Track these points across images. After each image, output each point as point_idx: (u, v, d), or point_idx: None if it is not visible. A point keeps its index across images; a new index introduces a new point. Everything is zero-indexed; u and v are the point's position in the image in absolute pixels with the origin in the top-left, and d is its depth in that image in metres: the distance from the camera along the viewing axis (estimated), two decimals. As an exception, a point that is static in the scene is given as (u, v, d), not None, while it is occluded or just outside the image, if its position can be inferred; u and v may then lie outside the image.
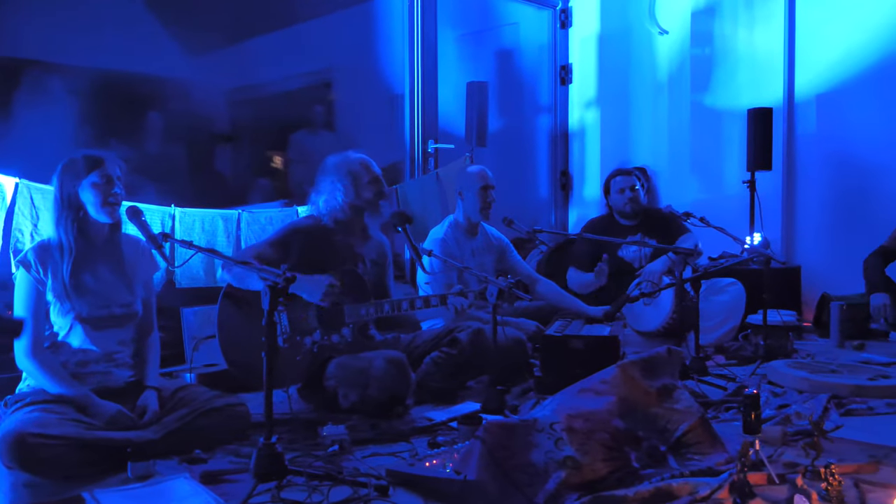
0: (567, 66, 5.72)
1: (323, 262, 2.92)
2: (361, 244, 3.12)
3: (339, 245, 3.03)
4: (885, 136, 4.69)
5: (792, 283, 4.84)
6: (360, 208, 3.04)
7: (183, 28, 4.21)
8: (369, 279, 3.04)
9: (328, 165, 3.08)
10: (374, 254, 3.16)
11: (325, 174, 3.07)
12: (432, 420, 2.70)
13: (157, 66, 4.24)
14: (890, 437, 2.54)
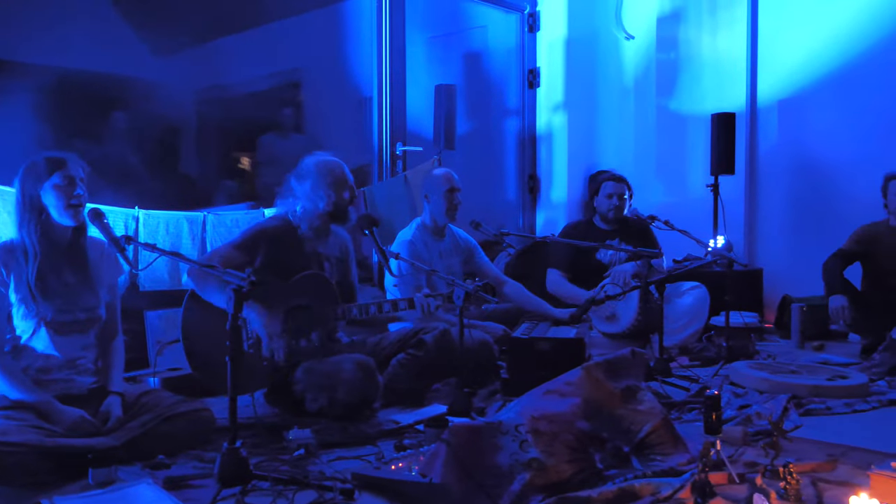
0: (535, 69, 5.76)
1: (290, 265, 2.90)
2: (325, 243, 3.10)
3: (307, 247, 3.01)
4: (843, 141, 4.80)
5: (754, 286, 4.93)
6: (335, 215, 3.03)
7: (150, 28, 4.17)
8: (334, 278, 3.03)
9: (308, 168, 3.02)
10: (336, 251, 3.14)
11: (304, 178, 3.01)
12: (399, 423, 2.70)
13: (123, 65, 4.19)
14: (847, 437, 2.60)
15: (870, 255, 4.18)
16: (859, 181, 4.57)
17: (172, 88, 4.30)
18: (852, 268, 4.22)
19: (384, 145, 4.76)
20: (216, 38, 4.77)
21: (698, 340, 4.15)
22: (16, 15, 3.79)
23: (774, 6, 5.08)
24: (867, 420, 2.88)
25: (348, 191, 3.02)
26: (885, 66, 4.62)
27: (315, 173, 3.00)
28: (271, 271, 2.84)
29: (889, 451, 2.40)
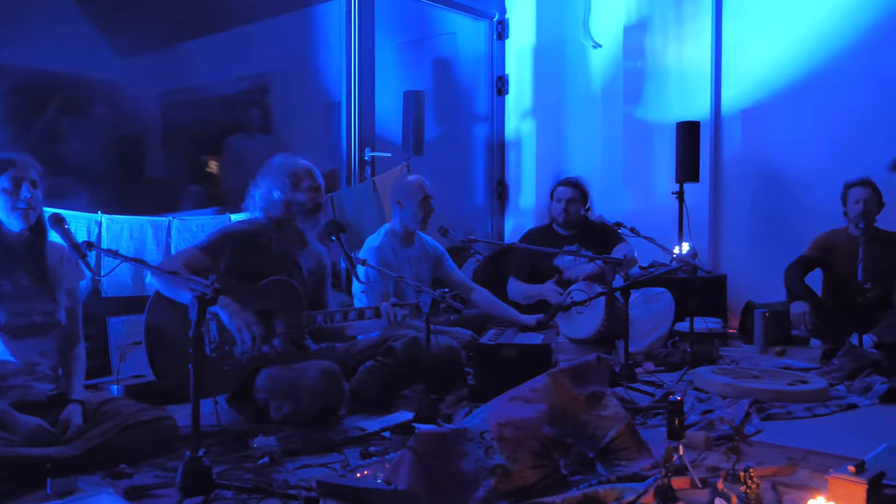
0: (504, 76, 5.80)
1: (257, 269, 2.87)
2: (298, 252, 3.08)
3: (275, 251, 2.97)
4: (804, 150, 4.91)
5: (718, 292, 5.01)
6: (294, 211, 2.98)
7: (116, 29, 4.10)
8: (306, 290, 3.01)
9: (271, 163, 3.03)
10: (311, 263, 3.12)
11: (266, 172, 3.01)
12: (365, 430, 2.69)
13: (87, 67, 4.12)
14: (807, 441, 2.65)
15: (829, 261, 4.27)
16: (820, 189, 4.67)
17: (138, 91, 4.25)
18: (813, 274, 4.31)
19: (352, 150, 4.75)
20: (184, 41, 4.72)
21: (663, 346, 4.20)
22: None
23: (738, 18, 5.17)
24: (826, 424, 2.94)
25: (313, 190, 2.98)
26: (845, 78, 4.73)
27: (274, 167, 3.00)
28: (238, 275, 2.82)
29: (847, 455, 2.44)
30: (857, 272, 3.91)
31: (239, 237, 2.92)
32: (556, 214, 4.45)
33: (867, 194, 4.12)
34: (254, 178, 3.06)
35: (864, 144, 4.63)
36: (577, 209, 4.42)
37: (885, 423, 2.92)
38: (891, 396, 3.23)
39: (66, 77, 4.03)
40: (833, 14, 4.76)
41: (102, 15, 4.10)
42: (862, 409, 3.14)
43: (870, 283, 4.00)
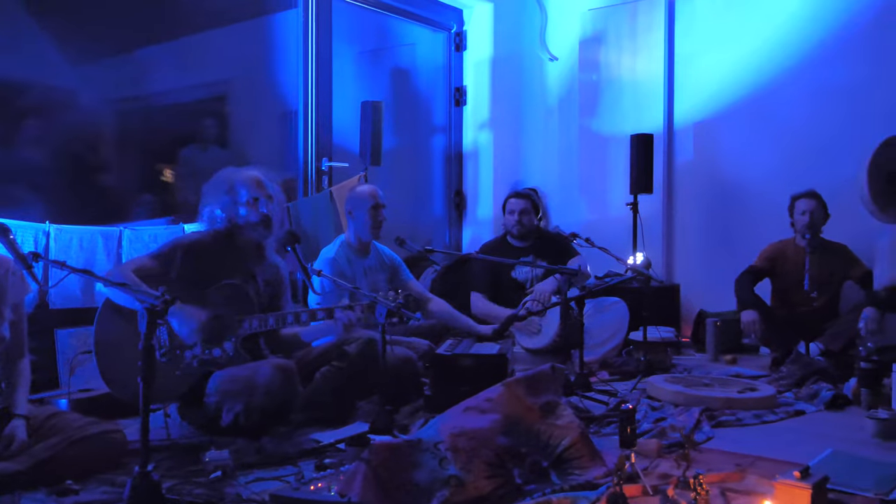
0: (461, 87, 5.84)
1: (209, 278, 2.85)
2: (254, 264, 3.05)
3: (227, 261, 2.94)
4: (754, 162, 5.02)
5: (672, 301, 5.09)
6: (240, 224, 2.96)
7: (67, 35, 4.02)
8: (261, 300, 2.98)
9: (213, 179, 3.02)
10: (268, 275, 3.09)
11: (208, 188, 3.01)
12: (320, 442, 2.67)
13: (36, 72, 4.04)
14: (755, 447, 2.71)
15: (777, 271, 4.38)
16: (769, 201, 4.78)
17: (90, 98, 4.17)
18: (763, 283, 4.41)
19: (309, 160, 4.73)
20: (138, 48, 4.65)
21: (618, 355, 4.25)
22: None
23: (690, 33, 5.29)
24: (775, 430, 3.00)
25: (250, 195, 2.94)
26: (792, 92, 4.86)
27: (214, 184, 2.99)
28: (190, 283, 2.80)
29: (794, 461, 2.51)
30: (804, 282, 4.02)
31: (191, 246, 2.90)
32: (510, 226, 4.48)
33: (813, 206, 4.24)
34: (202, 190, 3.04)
35: (810, 157, 4.76)
36: (530, 220, 4.46)
37: (830, 428, 3.00)
38: (836, 403, 3.33)
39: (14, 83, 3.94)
40: (780, 31, 4.89)
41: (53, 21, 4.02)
42: (809, 415, 3.22)
43: (816, 293, 4.12)
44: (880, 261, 3.78)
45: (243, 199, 2.94)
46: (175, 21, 4.57)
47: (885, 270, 3.68)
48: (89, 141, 4.27)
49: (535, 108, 6.02)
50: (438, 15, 5.67)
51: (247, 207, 2.93)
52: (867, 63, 4.58)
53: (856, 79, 4.63)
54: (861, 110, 4.59)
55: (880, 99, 4.51)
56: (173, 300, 1.99)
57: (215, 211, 2.96)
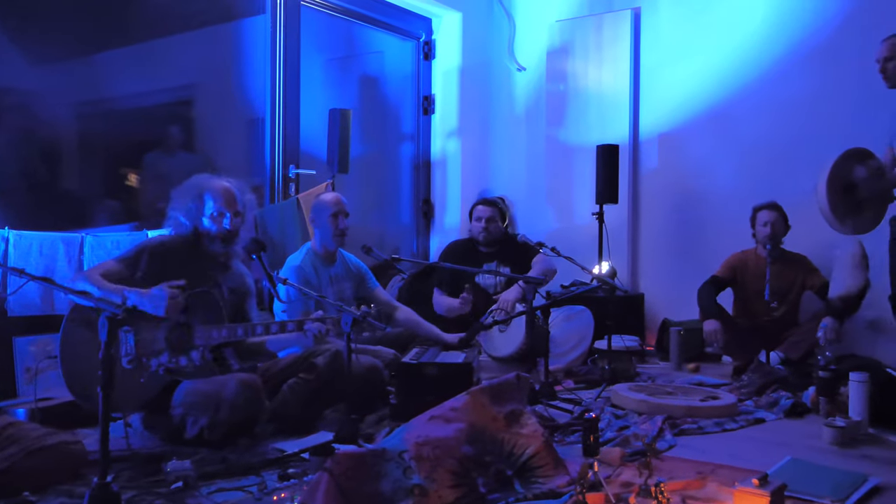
0: (430, 96, 5.86)
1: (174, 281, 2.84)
2: (221, 271, 3.05)
3: (193, 267, 2.94)
4: (717, 174, 5.11)
5: (636, 310, 5.14)
6: (206, 234, 2.97)
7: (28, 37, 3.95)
8: (227, 308, 2.96)
9: (183, 185, 3.03)
10: (234, 283, 3.09)
11: (177, 194, 3.02)
12: (284, 451, 2.65)
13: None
14: (716, 455, 2.75)
15: (739, 281, 4.46)
16: (731, 211, 4.87)
17: (52, 100, 4.10)
18: (725, 293, 4.48)
19: (276, 167, 4.70)
20: (102, 51, 4.58)
21: (583, 363, 4.29)
22: None
23: (655, 46, 5.37)
24: (735, 438, 3.05)
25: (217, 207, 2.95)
26: (754, 105, 4.96)
27: (182, 191, 3.00)
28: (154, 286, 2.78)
29: (753, 468, 2.54)
30: (765, 292, 4.10)
31: (158, 250, 2.91)
32: (477, 233, 4.50)
33: (774, 217, 4.33)
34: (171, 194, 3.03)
35: (771, 169, 4.85)
36: (496, 227, 4.50)
37: (789, 436, 3.05)
38: (795, 411, 3.39)
39: (-29, 85, 3.87)
40: (742, 46, 4.99)
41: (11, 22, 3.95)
42: (769, 423, 3.27)
43: (776, 303, 4.20)
44: (837, 270, 3.83)
45: (208, 212, 2.95)
46: (141, 24, 4.52)
47: (841, 280, 3.75)
48: (50, 145, 4.20)
49: (503, 117, 6.06)
50: (407, 24, 5.69)
51: (210, 220, 2.94)
52: (824, 78, 4.69)
53: (814, 92, 4.73)
54: (819, 123, 4.70)
55: (838, 112, 4.62)
56: (134, 309, 1.97)
57: (179, 217, 2.97)
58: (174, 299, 2.67)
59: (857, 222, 3.64)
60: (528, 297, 3.60)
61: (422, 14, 5.75)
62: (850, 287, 3.69)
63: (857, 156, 3.62)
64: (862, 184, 3.61)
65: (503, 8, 6.02)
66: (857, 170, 3.61)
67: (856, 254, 3.68)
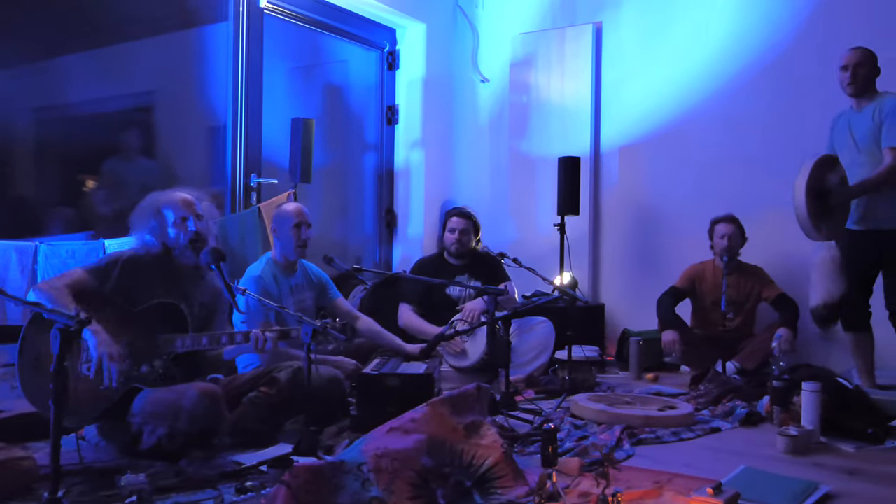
0: (394, 106, 5.86)
1: (144, 295, 2.84)
2: (192, 284, 3.03)
3: (164, 280, 2.93)
4: (675, 186, 5.20)
5: (597, 321, 5.20)
6: (174, 244, 2.97)
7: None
8: (194, 321, 2.93)
9: (142, 204, 3.04)
10: (206, 296, 3.08)
11: (137, 213, 3.02)
12: (242, 464, 2.62)
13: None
14: (673, 464, 2.79)
15: (697, 292, 4.54)
16: (690, 223, 4.95)
17: (6, 106, 4.02)
18: (684, 303, 4.55)
19: (238, 176, 4.66)
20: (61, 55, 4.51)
21: (544, 373, 4.32)
22: None
23: (616, 60, 5.45)
24: (692, 447, 3.09)
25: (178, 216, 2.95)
26: (712, 120, 5.06)
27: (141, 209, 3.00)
28: (125, 299, 2.80)
29: (709, 477, 2.59)
30: (721, 302, 4.18)
31: (129, 262, 2.90)
32: (449, 244, 4.51)
33: (731, 230, 4.42)
34: (130, 200, 3.02)
35: (729, 182, 4.95)
36: (469, 239, 4.51)
37: (744, 445, 3.11)
38: (750, 420, 3.45)
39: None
40: (700, 63, 5.09)
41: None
42: (724, 432, 3.33)
43: (732, 313, 4.29)
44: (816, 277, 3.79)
45: (170, 221, 2.95)
46: (100, 29, 4.46)
47: (823, 287, 3.75)
48: (3, 151, 4.12)
49: (467, 128, 6.10)
50: (371, 34, 5.70)
51: (175, 228, 2.94)
52: (778, 94, 4.81)
53: (768, 108, 4.85)
54: (774, 138, 4.82)
55: (791, 127, 4.74)
56: (88, 320, 1.94)
57: (146, 237, 2.97)
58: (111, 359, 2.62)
59: (828, 228, 3.71)
60: (490, 307, 3.61)
61: (386, 24, 5.76)
62: (833, 293, 3.70)
63: (829, 163, 3.69)
64: (835, 189, 3.69)
65: (467, 20, 6.07)
66: (830, 177, 3.69)
67: (835, 259, 3.70)
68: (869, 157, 3.71)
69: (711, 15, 5.06)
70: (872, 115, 3.69)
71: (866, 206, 3.72)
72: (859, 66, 3.71)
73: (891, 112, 3.62)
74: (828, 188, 3.67)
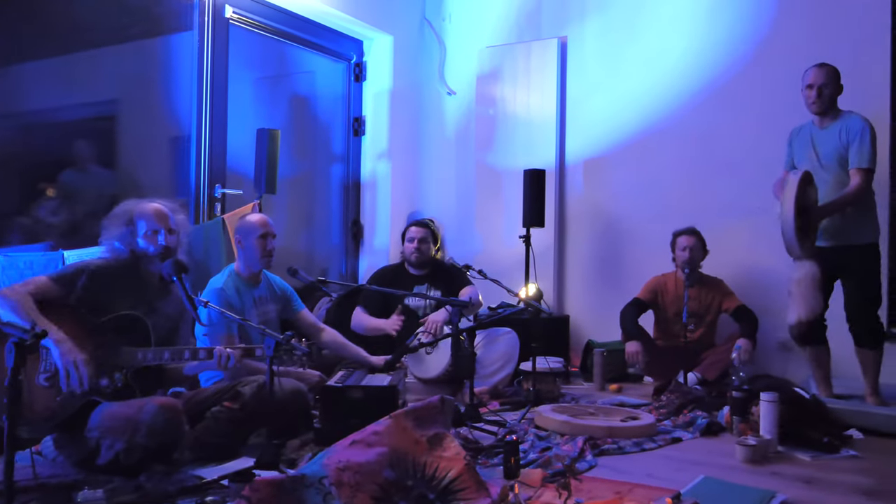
0: (360, 118, 5.87)
1: (109, 305, 2.81)
2: (158, 296, 3.00)
3: (130, 291, 2.90)
4: (639, 199, 5.27)
5: (562, 332, 5.24)
6: (143, 255, 2.95)
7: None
8: (158, 333, 2.90)
9: (114, 211, 3.02)
10: (171, 308, 3.04)
11: (109, 220, 3.00)
12: (203, 478, 2.59)
13: None
14: (635, 475, 2.82)
15: (659, 303, 4.60)
16: (653, 236, 5.02)
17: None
18: (647, 315, 4.61)
19: (202, 186, 4.62)
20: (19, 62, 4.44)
21: (509, 385, 4.33)
22: None
23: (580, 74, 5.52)
24: (653, 458, 3.13)
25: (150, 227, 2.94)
26: (675, 134, 5.14)
27: (114, 216, 2.98)
28: (89, 309, 2.77)
29: (669, 487, 2.63)
30: (683, 314, 4.24)
31: (95, 272, 2.86)
32: (409, 254, 4.52)
33: (693, 242, 4.49)
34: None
35: (690, 195, 5.04)
36: (428, 248, 4.53)
37: (704, 455, 3.15)
38: (710, 430, 3.50)
39: None
40: (662, 78, 5.18)
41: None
42: (685, 442, 3.37)
43: (693, 325, 4.35)
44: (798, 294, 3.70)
45: (142, 232, 2.94)
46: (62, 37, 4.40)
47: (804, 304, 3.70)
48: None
49: (433, 140, 6.13)
50: (338, 45, 5.70)
51: (146, 240, 2.93)
52: (737, 109, 4.92)
53: (729, 122, 4.95)
54: (734, 151, 4.91)
55: (751, 140, 4.83)
56: (44, 334, 1.91)
57: (114, 244, 2.95)
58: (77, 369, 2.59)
59: (809, 245, 3.68)
60: (454, 319, 3.62)
61: (353, 36, 5.77)
62: (813, 310, 3.68)
63: (809, 180, 3.70)
64: (813, 207, 3.69)
65: (434, 33, 6.11)
66: (811, 194, 3.72)
67: (815, 276, 3.68)
68: (832, 176, 3.76)
69: (674, 32, 5.16)
70: (839, 135, 3.73)
71: (827, 224, 3.78)
72: (825, 87, 3.75)
73: (858, 134, 3.66)
74: (809, 205, 3.67)
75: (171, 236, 2.98)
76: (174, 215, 3.04)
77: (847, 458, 3.13)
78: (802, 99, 3.84)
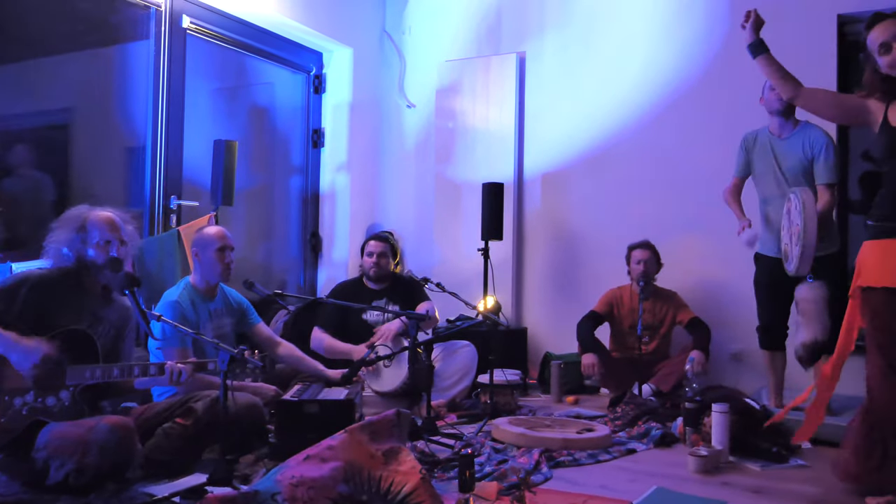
0: (319, 129, 5.86)
1: (53, 317, 2.73)
2: (101, 305, 2.94)
3: (73, 301, 2.83)
4: (595, 213, 5.34)
5: (520, 344, 5.27)
6: (88, 265, 2.88)
7: None
8: (104, 345, 2.84)
9: (64, 215, 2.94)
10: (115, 316, 2.98)
11: (57, 225, 2.92)
12: (153, 495, 2.55)
13: None
14: (589, 486, 2.85)
15: (615, 316, 4.66)
16: (609, 249, 5.09)
17: None
18: (603, 327, 4.67)
19: (157, 197, 4.56)
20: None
21: (467, 397, 4.34)
22: None
23: (539, 89, 5.59)
24: (607, 469, 3.16)
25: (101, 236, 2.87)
26: (631, 148, 5.22)
27: (64, 220, 2.91)
28: (33, 321, 2.67)
29: (622, 498, 2.66)
30: (638, 326, 4.30)
31: (37, 283, 2.78)
32: (368, 268, 4.51)
33: (647, 255, 4.56)
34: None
35: (645, 209, 5.12)
36: (387, 263, 4.52)
37: (657, 466, 3.20)
38: (664, 441, 3.55)
39: None
40: (619, 92, 5.27)
41: None
42: (640, 453, 3.42)
43: (647, 337, 4.42)
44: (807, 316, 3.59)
45: (94, 241, 2.87)
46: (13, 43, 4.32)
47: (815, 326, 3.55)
48: None
49: (392, 152, 6.14)
50: (298, 57, 5.69)
51: (96, 249, 2.86)
52: (693, 121, 5.02)
53: (684, 135, 5.04)
54: (689, 165, 5.01)
55: (705, 153, 4.93)
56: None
57: (62, 249, 2.87)
58: (46, 365, 2.53)
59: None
60: (412, 332, 3.62)
61: (313, 48, 5.76)
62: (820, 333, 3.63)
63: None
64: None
65: (394, 46, 6.13)
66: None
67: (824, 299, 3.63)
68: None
69: (630, 48, 5.25)
70: (802, 149, 3.79)
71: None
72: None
73: (823, 148, 3.73)
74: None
75: (122, 248, 2.92)
76: (125, 226, 2.99)
77: (795, 468, 3.21)
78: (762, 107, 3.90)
